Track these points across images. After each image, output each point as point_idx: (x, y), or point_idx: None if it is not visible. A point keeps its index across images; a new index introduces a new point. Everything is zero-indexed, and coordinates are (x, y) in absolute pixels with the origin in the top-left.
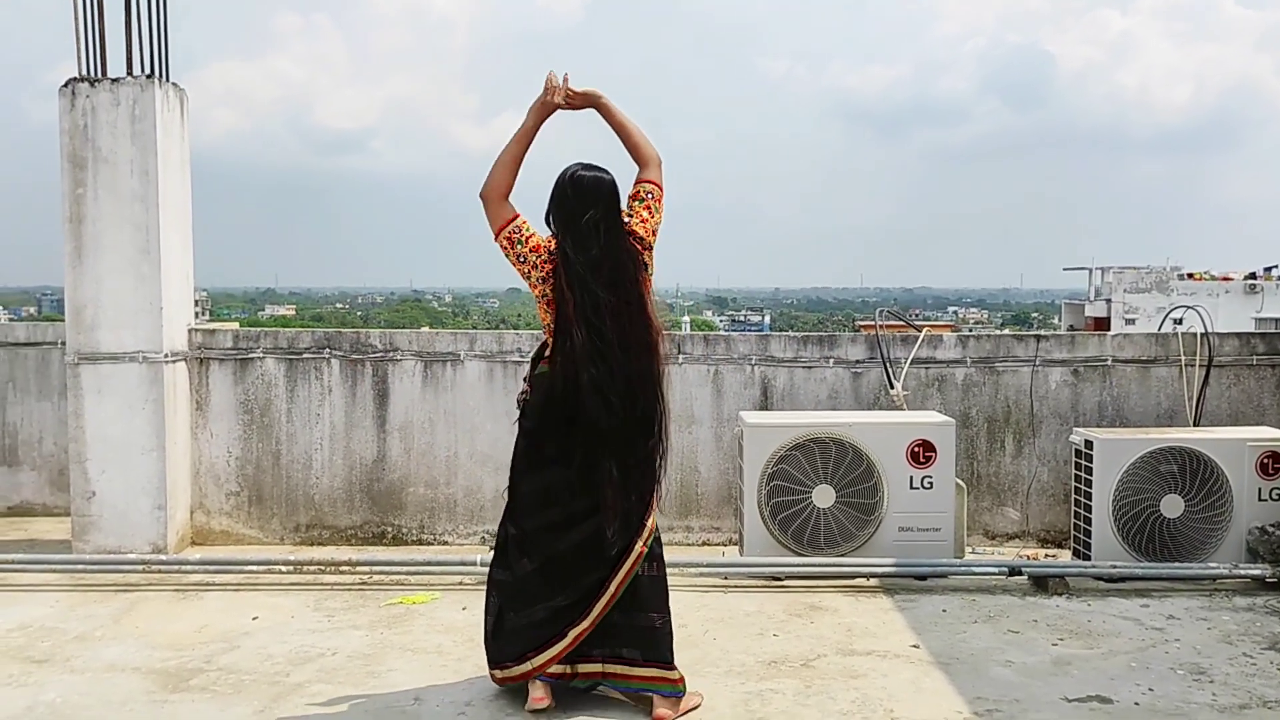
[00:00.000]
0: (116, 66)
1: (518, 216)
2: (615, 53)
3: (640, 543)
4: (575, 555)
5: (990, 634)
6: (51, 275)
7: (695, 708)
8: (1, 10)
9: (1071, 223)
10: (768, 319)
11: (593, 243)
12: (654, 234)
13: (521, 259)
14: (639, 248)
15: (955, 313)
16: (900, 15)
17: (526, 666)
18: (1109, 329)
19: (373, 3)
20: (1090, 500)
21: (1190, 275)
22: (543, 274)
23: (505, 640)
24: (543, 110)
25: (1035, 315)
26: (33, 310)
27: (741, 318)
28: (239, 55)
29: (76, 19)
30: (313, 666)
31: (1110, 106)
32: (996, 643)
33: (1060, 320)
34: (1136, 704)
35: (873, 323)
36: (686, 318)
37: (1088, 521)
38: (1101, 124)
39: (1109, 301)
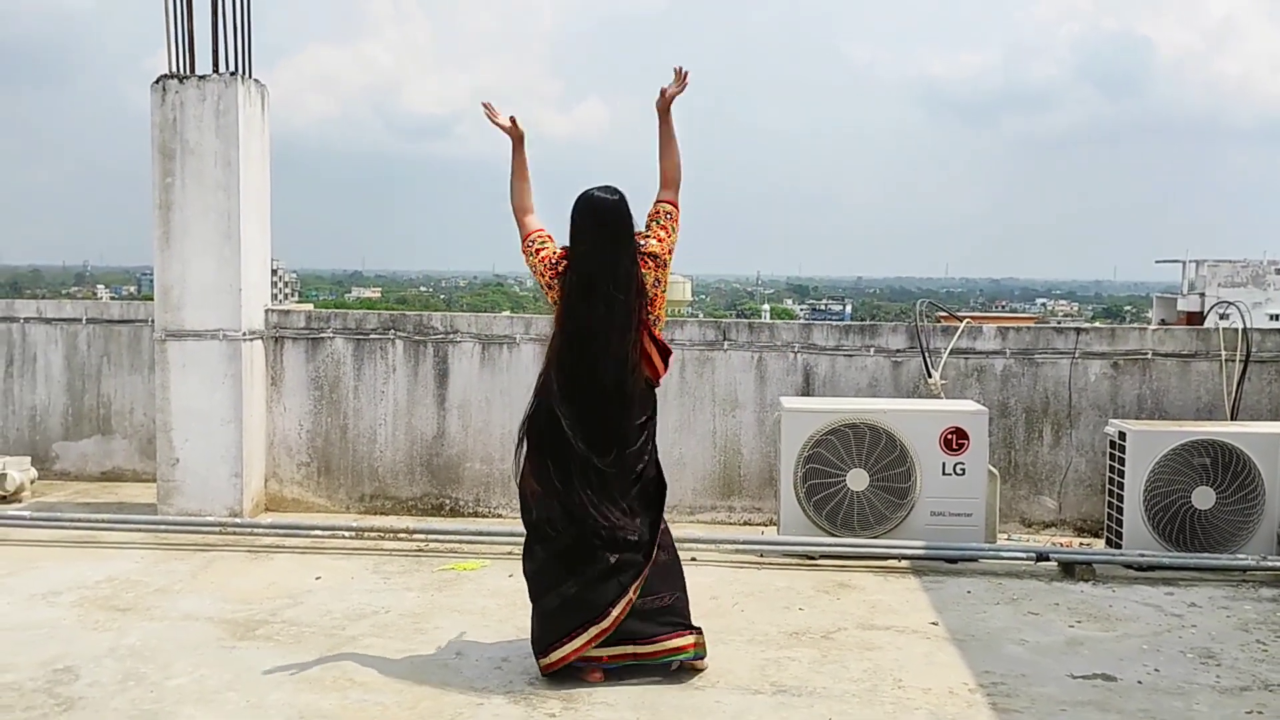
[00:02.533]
0: (203, 64)
1: (538, 230)
2: (700, 37)
3: (656, 548)
4: (586, 544)
5: (1009, 615)
6: (150, 256)
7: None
8: (104, 4)
9: (1168, 214)
10: (849, 308)
11: (596, 261)
12: (670, 252)
13: (532, 268)
14: (651, 266)
15: (1044, 304)
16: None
17: (565, 650)
18: (1202, 324)
19: None
20: (1122, 490)
21: None
22: (546, 282)
23: (541, 627)
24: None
25: (1129, 308)
26: (133, 289)
27: (823, 306)
28: (330, 41)
29: (167, 19)
30: (367, 622)
31: (1210, 94)
32: (1014, 623)
33: (1152, 314)
34: (1139, 683)
35: (945, 313)
36: (766, 306)
37: (1119, 511)
38: (1200, 112)
39: (1203, 295)
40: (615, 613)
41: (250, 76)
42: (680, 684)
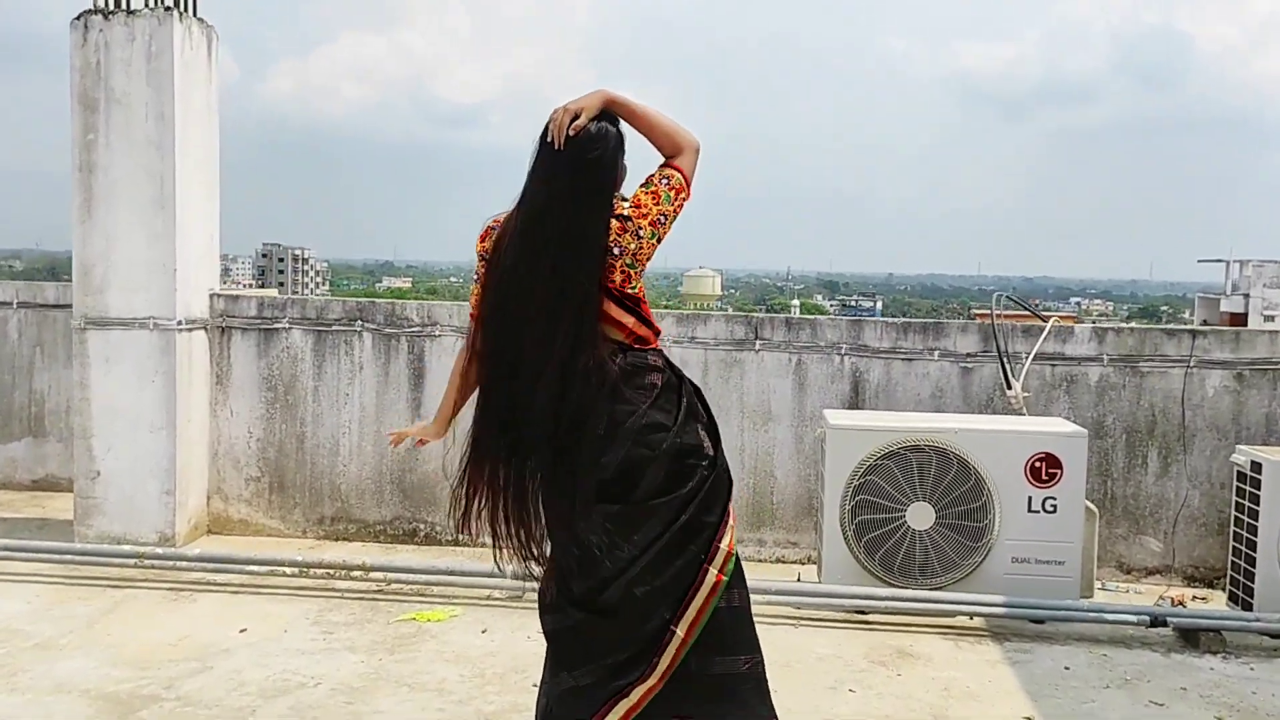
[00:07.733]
0: None
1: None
2: (735, 31)
3: (715, 569)
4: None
5: (1127, 704)
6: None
7: None
8: None
9: (1207, 212)
10: (879, 305)
11: (551, 204)
12: (654, 223)
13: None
14: (615, 230)
15: (1078, 304)
16: None
17: None
18: (1245, 325)
19: None
20: (1255, 535)
21: None
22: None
23: (557, 706)
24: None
25: (1165, 309)
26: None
27: (853, 302)
28: (369, 28)
29: None
30: (286, 700)
31: (1251, 92)
32: (1134, 715)
33: (1193, 315)
34: None
35: (988, 310)
36: (796, 301)
37: (1250, 561)
38: (1242, 109)
39: (1246, 296)
40: (664, 662)
41: (193, 13)
42: None
